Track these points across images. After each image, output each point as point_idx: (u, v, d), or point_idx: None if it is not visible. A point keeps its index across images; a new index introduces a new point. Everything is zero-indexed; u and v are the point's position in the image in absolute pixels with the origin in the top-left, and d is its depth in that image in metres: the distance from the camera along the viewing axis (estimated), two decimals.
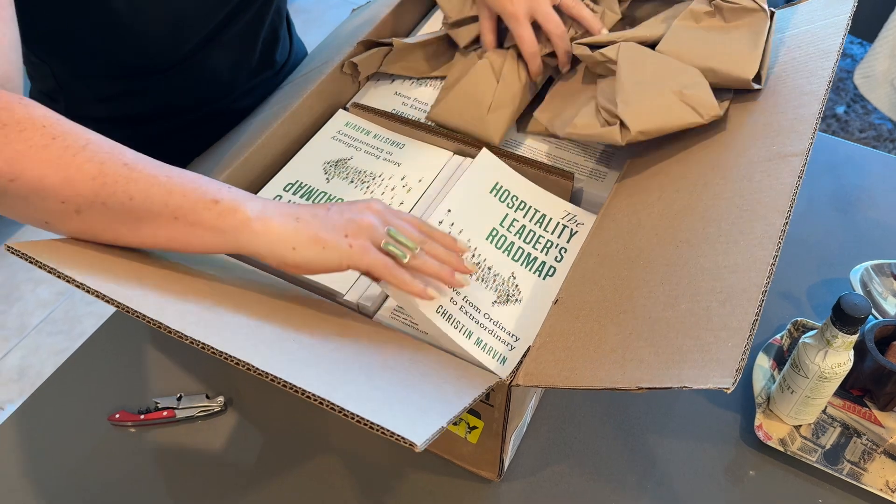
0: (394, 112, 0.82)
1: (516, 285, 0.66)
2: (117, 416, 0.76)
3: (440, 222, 0.68)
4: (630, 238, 0.63)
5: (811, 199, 0.96)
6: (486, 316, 0.63)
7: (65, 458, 0.74)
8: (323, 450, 0.74)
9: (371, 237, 0.55)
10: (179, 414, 0.76)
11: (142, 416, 0.76)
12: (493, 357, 0.61)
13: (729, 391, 0.43)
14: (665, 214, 0.62)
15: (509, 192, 0.73)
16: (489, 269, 0.67)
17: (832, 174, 1.00)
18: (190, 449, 0.74)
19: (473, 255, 0.67)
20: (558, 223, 0.72)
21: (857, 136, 2.33)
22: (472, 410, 0.63)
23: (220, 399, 0.77)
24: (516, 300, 0.65)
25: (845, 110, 2.41)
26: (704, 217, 0.59)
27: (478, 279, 0.66)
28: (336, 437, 0.74)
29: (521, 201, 0.73)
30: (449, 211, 0.69)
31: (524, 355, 0.60)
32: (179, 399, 0.77)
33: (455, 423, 0.67)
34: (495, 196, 0.72)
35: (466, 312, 0.63)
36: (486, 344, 0.62)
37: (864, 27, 2.09)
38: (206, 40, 0.79)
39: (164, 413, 0.76)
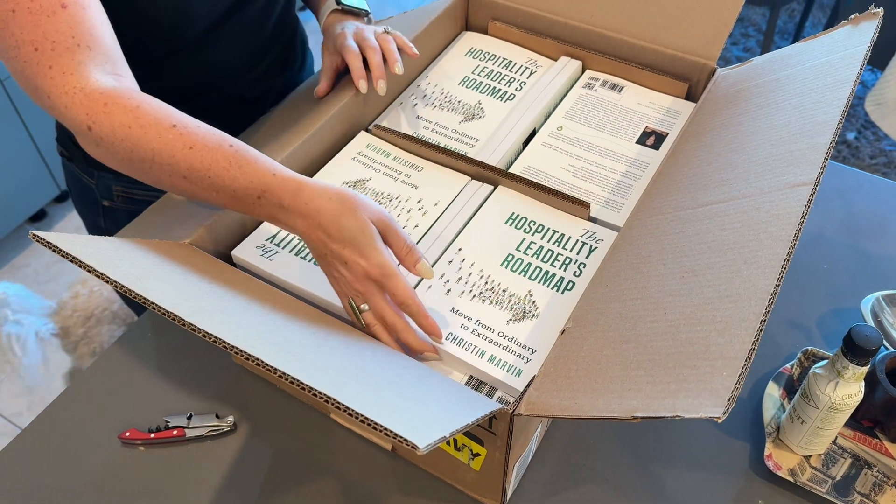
0: (415, 135, 0.83)
1: (533, 301, 0.68)
2: (127, 434, 0.76)
3: (450, 262, 0.70)
4: (638, 268, 0.63)
5: (822, 228, 0.96)
6: (501, 334, 0.65)
7: (75, 475, 0.74)
8: (328, 473, 0.74)
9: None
10: (189, 433, 0.76)
11: (152, 435, 0.76)
12: (507, 371, 0.62)
13: (720, 420, 0.44)
14: (674, 245, 0.63)
15: (526, 219, 0.75)
16: (504, 291, 0.68)
17: (843, 202, 1.00)
18: (199, 469, 0.74)
19: (487, 282, 0.68)
20: (577, 241, 0.73)
21: (867, 162, 2.32)
22: (475, 437, 0.64)
23: (230, 419, 0.77)
24: (533, 315, 0.66)
25: (856, 136, 2.41)
26: (711, 247, 0.59)
27: (491, 303, 0.67)
28: (342, 461, 0.75)
29: (539, 224, 0.74)
30: (460, 249, 0.71)
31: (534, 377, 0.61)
32: (190, 418, 0.77)
33: (458, 450, 0.67)
34: (511, 225, 0.74)
35: (479, 334, 0.64)
36: (499, 360, 0.63)
37: (876, 54, 2.10)
38: (213, 25, 0.80)
39: (175, 432, 0.76)
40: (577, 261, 0.71)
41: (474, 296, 0.69)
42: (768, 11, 2.86)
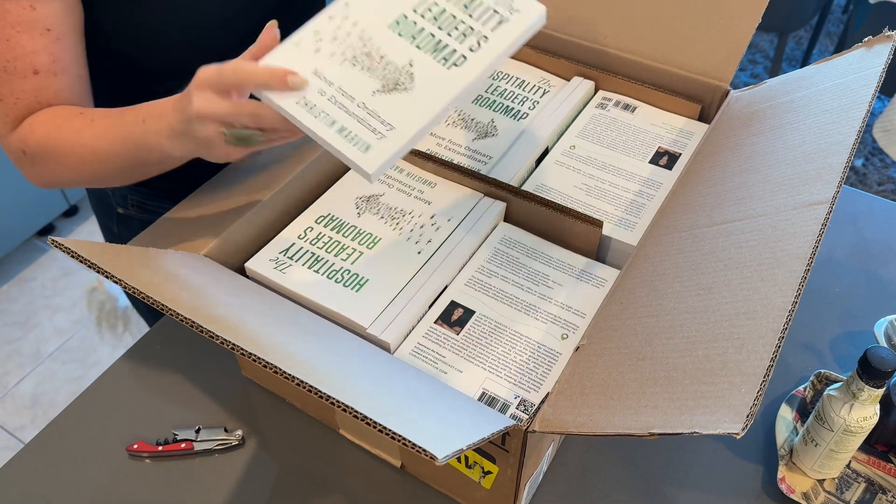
0: (428, 152, 0.83)
1: (410, 73, 0.58)
2: (135, 446, 0.76)
3: (331, 17, 0.61)
4: (654, 286, 0.63)
5: (833, 251, 0.96)
6: (361, 105, 0.56)
7: (81, 486, 0.74)
8: (337, 489, 0.73)
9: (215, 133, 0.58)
10: (197, 447, 0.76)
11: (160, 448, 0.75)
12: (353, 144, 0.55)
13: (738, 437, 0.43)
14: (689, 262, 0.63)
15: None
16: (381, 57, 0.59)
17: (854, 226, 1.00)
18: (206, 483, 0.74)
19: (365, 45, 0.59)
20: (488, 8, 0.61)
21: (875, 188, 2.33)
22: (487, 454, 0.63)
23: (239, 433, 0.76)
24: (405, 88, 0.57)
25: (863, 163, 2.42)
26: (727, 265, 0.59)
27: (363, 68, 0.58)
28: (350, 477, 0.74)
29: None
30: (347, 4, 0.61)
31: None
32: (198, 431, 0.77)
33: (469, 467, 0.66)
34: None
35: (336, 102, 0.56)
36: (349, 132, 0.55)
37: (884, 81, 2.11)
38: (230, 48, 0.81)
39: (183, 445, 0.76)
40: (479, 32, 0.60)
41: (346, 59, 0.59)
42: (776, 38, 2.88)
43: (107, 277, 0.48)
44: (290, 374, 0.43)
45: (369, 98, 0.57)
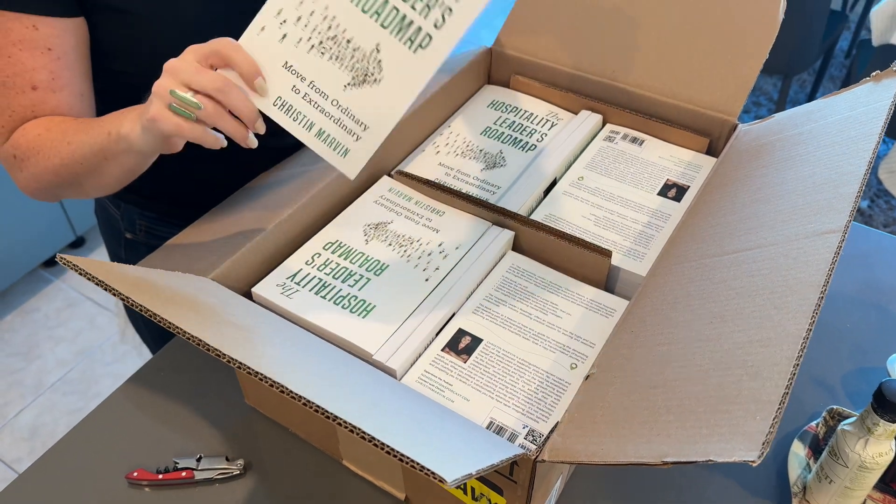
0: (436, 181, 0.83)
1: (378, 61, 0.59)
2: (135, 474, 0.74)
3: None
4: (665, 314, 0.63)
5: (843, 287, 0.95)
6: (335, 103, 0.59)
7: None
8: None
9: (162, 103, 0.58)
10: (198, 475, 0.74)
11: (160, 476, 0.74)
12: (333, 149, 0.59)
13: (755, 464, 0.42)
14: (700, 291, 0.62)
15: None
16: (348, 42, 0.59)
17: (864, 263, 0.99)
18: None
19: (330, 27, 0.59)
20: None
21: (881, 230, 2.32)
22: (494, 486, 0.62)
23: (240, 462, 0.75)
24: (375, 80, 0.59)
25: (869, 205, 2.42)
26: (739, 293, 0.58)
27: (332, 57, 0.59)
28: None
29: None
30: None
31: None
32: (199, 460, 0.75)
33: (476, 500, 0.65)
34: None
35: (310, 101, 0.59)
36: (327, 135, 0.59)
37: (889, 124, 2.12)
38: None
39: (183, 474, 0.74)
40: (443, 4, 0.58)
41: (313, 45, 0.59)
42: (780, 81, 2.91)
43: (113, 294, 0.47)
44: (295, 393, 0.42)
45: (341, 94, 0.59)
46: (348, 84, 0.59)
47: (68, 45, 0.72)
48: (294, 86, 0.59)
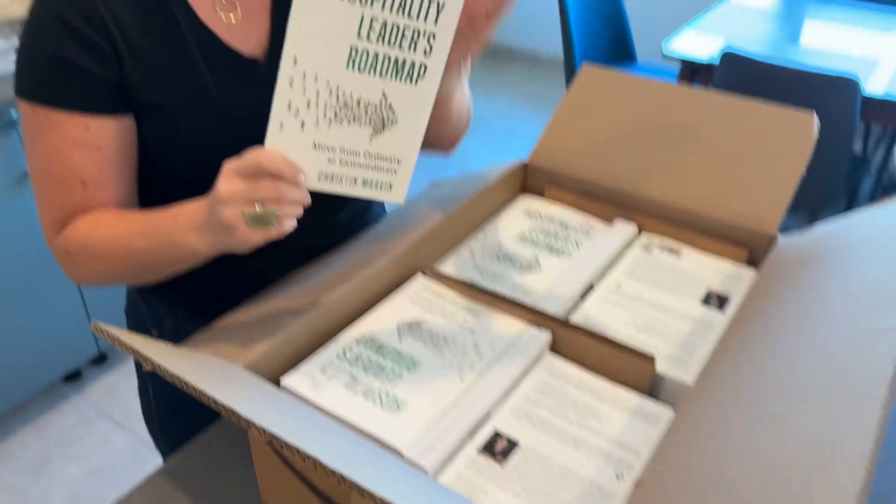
0: (471, 282, 0.82)
1: (389, 106, 0.64)
2: None
3: (291, 82, 0.61)
4: (718, 417, 0.59)
5: None
6: (366, 154, 0.65)
7: None
8: None
9: (239, 223, 0.62)
10: None
11: None
12: (379, 189, 0.66)
13: None
14: (754, 393, 0.58)
15: None
16: (358, 103, 0.63)
17: None
18: None
19: (338, 98, 0.63)
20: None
21: None
22: None
23: None
24: (392, 122, 0.64)
25: None
26: (798, 392, 0.55)
27: (350, 121, 0.64)
28: None
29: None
30: (295, 61, 0.60)
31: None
32: None
33: None
34: (344, 0, 0.60)
35: (347, 163, 0.65)
36: (370, 181, 0.65)
37: None
38: None
39: None
40: (425, 31, 0.61)
41: (330, 120, 0.63)
42: (807, 219, 2.93)
43: (143, 362, 0.45)
44: (330, 467, 0.39)
45: (369, 146, 0.65)
46: (372, 135, 0.64)
47: (117, 145, 0.76)
48: (329, 158, 0.64)
